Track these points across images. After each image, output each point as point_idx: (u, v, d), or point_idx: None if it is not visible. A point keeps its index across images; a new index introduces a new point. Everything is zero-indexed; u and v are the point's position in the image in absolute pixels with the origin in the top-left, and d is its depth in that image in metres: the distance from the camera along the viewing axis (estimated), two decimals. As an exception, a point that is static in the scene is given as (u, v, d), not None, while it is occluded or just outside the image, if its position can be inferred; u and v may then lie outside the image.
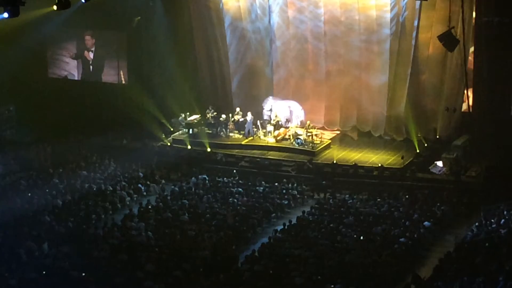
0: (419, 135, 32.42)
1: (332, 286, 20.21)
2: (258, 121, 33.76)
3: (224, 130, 33.96)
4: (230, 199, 27.39)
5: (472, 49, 31.09)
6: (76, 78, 37.37)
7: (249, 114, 33.66)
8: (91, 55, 36.93)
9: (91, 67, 37.03)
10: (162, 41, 35.80)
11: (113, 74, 36.61)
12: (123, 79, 36.35)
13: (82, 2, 26.27)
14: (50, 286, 20.58)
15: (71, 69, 37.49)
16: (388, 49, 32.60)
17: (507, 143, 29.25)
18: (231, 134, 33.93)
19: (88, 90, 36.29)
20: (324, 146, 32.55)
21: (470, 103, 31.41)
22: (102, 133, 34.19)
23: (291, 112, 34.07)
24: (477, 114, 30.95)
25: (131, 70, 36.15)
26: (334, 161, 30.89)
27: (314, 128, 33.01)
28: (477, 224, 24.79)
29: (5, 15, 22.63)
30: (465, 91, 31.48)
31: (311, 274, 20.96)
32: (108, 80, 36.71)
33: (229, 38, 35.29)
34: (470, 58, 31.10)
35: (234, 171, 30.66)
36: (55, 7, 23.99)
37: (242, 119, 33.96)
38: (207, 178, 29.93)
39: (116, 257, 22.25)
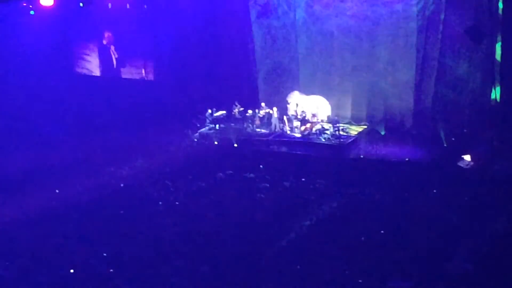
0: (446, 128, 32.26)
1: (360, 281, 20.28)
2: (284, 116, 33.78)
3: (250, 125, 34.00)
4: (257, 195, 27.41)
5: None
6: (97, 75, 37.64)
7: (275, 109, 33.68)
8: (114, 52, 37.10)
9: (114, 63, 37.21)
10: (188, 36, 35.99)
11: (136, 72, 36.77)
12: (144, 75, 36.52)
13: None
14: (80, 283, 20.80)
15: (93, 67, 37.71)
16: (415, 43, 32.45)
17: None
18: (257, 129, 33.96)
19: (112, 86, 36.51)
20: (351, 141, 32.49)
21: (498, 96, 31.29)
22: (128, 129, 34.36)
23: (317, 107, 34.04)
24: (505, 107, 30.79)
25: (156, 66, 36.33)
26: (361, 156, 30.81)
27: (341, 123, 32.99)
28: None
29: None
30: (493, 84, 31.34)
31: (340, 270, 20.96)
32: (131, 77, 36.90)
33: (255, 33, 35.33)
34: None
35: (261, 166, 30.68)
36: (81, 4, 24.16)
37: (268, 115, 33.98)
38: (233, 174, 29.99)
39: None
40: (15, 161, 30.99)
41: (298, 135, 32.97)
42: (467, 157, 29.98)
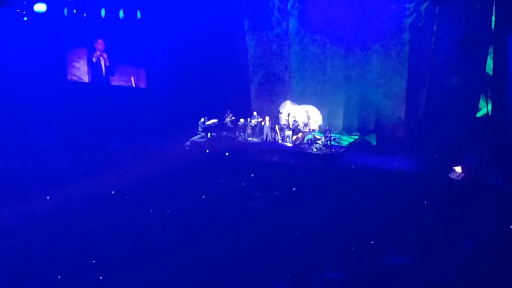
0: (438, 140, 32.30)
1: None
2: (276, 126, 33.81)
3: (242, 134, 34.01)
4: (248, 204, 27.38)
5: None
6: (89, 82, 37.56)
7: (267, 118, 33.71)
8: (103, 59, 37.03)
9: (105, 71, 37.15)
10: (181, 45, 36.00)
11: (129, 79, 36.71)
12: (136, 83, 36.48)
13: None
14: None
15: (82, 74, 37.59)
16: (407, 54, 32.56)
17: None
18: (249, 138, 33.96)
19: (104, 94, 36.45)
20: (342, 152, 32.49)
21: (489, 108, 31.35)
22: (119, 137, 34.28)
23: (309, 117, 34.09)
24: (496, 119, 30.84)
25: (148, 74, 36.29)
26: (353, 167, 30.82)
27: (332, 133, 33.00)
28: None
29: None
30: (485, 96, 31.41)
31: (330, 279, 20.94)
32: (123, 84, 36.84)
33: (248, 42, 35.35)
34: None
35: (252, 175, 30.65)
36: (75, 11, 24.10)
37: (260, 124, 33.98)
38: (224, 182, 29.94)
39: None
40: (4, 166, 30.90)
41: (290, 145, 33.01)
42: (458, 169, 30.00)
